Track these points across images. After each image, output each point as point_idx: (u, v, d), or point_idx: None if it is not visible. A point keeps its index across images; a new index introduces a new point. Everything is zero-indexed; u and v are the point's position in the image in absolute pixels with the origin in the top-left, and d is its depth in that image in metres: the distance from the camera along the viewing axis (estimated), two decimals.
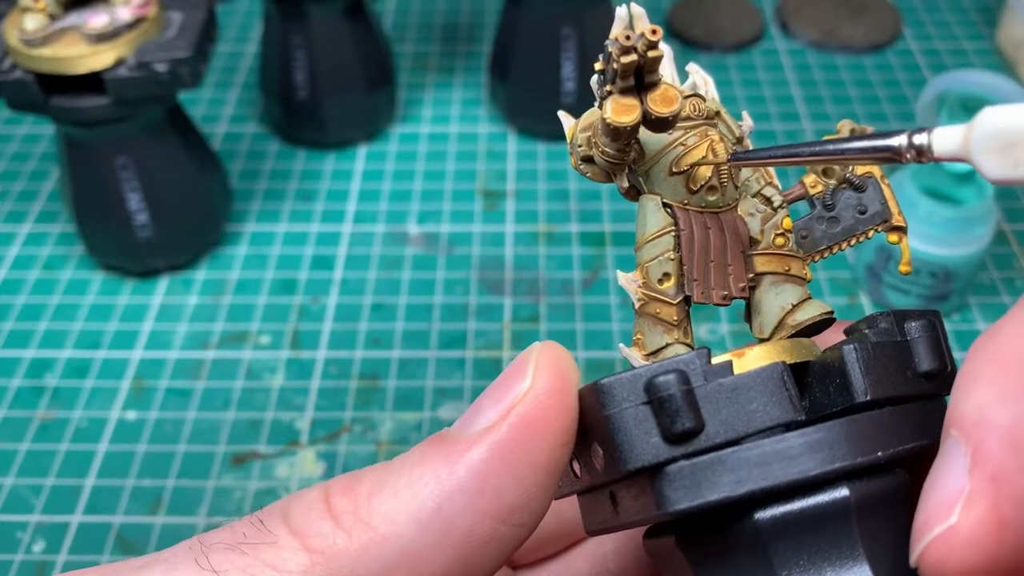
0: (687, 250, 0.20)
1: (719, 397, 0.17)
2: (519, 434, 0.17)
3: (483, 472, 0.16)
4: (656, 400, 0.17)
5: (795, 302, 0.20)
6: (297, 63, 0.58)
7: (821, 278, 0.52)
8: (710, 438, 0.17)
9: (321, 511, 0.17)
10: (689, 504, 0.17)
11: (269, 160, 0.61)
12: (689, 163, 0.20)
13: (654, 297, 0.20)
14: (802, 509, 0.17)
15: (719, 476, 0.17)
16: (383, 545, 0.16)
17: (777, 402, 0.17)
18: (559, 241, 0.55)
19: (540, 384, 0.17)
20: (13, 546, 0.41)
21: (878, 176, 0.21)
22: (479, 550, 0.16)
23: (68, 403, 0.47)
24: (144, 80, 0.45)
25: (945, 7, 0.74)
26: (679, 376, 0.17)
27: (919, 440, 0.17)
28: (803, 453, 0.17)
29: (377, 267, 0.54)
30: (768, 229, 0.20)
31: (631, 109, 0.18)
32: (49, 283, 0.53)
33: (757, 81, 0.67)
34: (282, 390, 0.47)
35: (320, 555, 0.16)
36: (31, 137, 0.64)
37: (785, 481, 0.16)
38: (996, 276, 0.53)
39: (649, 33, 0.17)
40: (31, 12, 0.45)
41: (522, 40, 0.59)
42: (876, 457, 0.17)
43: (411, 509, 0.16)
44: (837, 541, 0.17)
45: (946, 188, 0.49)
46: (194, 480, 0.44)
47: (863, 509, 0.17)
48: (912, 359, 0.18)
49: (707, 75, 0.22)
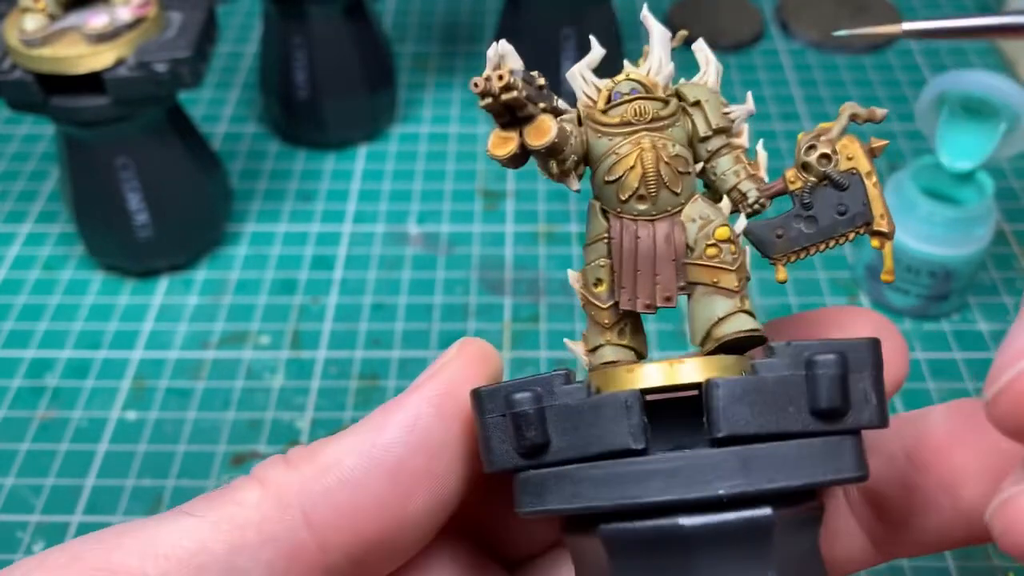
0: (616, 258, 0.20)
1: (565, 417, 0.18)
2: (444, 386, 0.20)
3: (413, 414, 0.19)
4: (512, 414, 0.18)
5: (721, 315, 0.19)
6: (297, 63, 0.58)
7: (821, 278, 0.52)
8: (555, 454, 0.18)
9: (278, 461, 0.20)
10: (532, 509, 0.18)
11: (269, 160, 0.61)
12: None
13: (589, 300, 0.20)
14: (642, 530, 0.17)
15: (560, 489, 0.18)
16: (324, 473, 0.19)
17: (617, 429, 0.17)
18: (559, 241, 0.55)
19: (463, 353, 0.20)
20: (13, 546, 0.41)
21: (863, 172, 0.20)
22: (412, 482, 0.19)
23: (68, 403, 0.47)
24: (144, 80, 0.45)
25: (945, 7, 0.74)
26: (533, 395, 0.18)
27: (786, 481, 0.17)
28: (639, 479, 0.17)
29: (377, 267, 0.54)
30: (700, 239, 0.20)
31: (507, 142, 0.19)
32: (49, 283, 0.53)
33: (757, 81, 0.67)
34: (282, 390, 0.47)
35: (272, 486, 0.19)
36: (31, 137, 0.64)
37: (615, 504, 0.17)
38: (996, 276, 0.53)
39: (496, 80, 0.18)
40: (31, 12, 0.45)
41: (522, 40, 0.58)
42: (715, 495, 0.17)
43: (352, 445, 0.19)
44: (675, 566, 0.17)
45: (946, 188, 0.49)
46: (194, 480, 0.44)
47: (704, 541, 0.17)
48: (803, 396, 0.17)
49: (711, 56, 0.21)
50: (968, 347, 0.49)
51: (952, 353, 0.49)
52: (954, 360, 0.48)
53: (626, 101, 0.20)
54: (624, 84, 0.20)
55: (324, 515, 0.19)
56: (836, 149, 0.20)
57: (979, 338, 0.49)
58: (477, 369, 0.20)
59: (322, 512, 0.19)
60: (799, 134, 0.20)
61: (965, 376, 0.47)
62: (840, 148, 0.20)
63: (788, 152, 0.59)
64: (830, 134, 0.20)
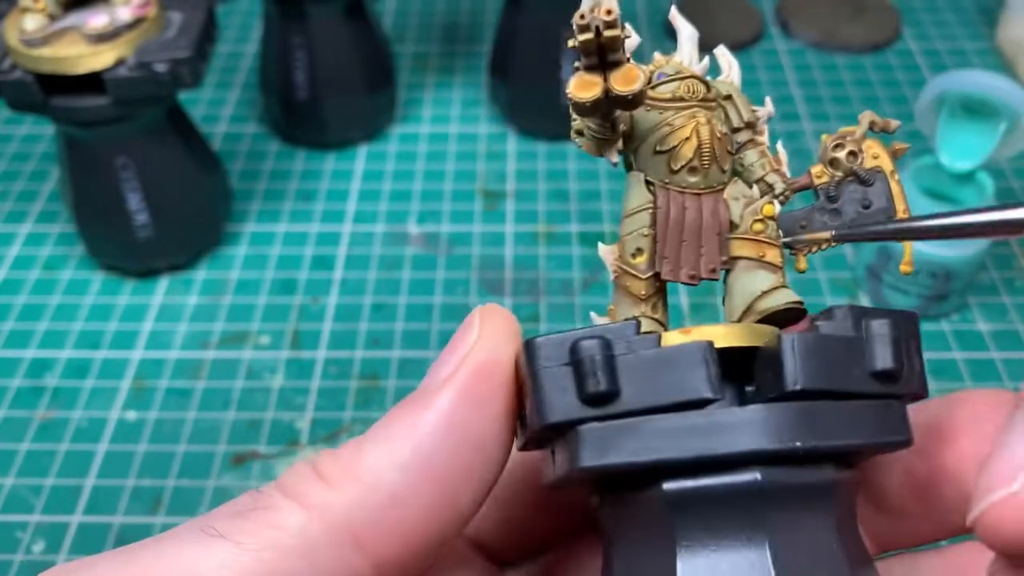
0: (661, 228, 0.20)
1: (639, 367, 0.17)
2: (475, 374, 0.19)
3: (449, 411, 0.18)
4: (577, 362, 0.17)
5: (765, 289, 0.20)
6: (297, 63, 0.58)
7: (821, 278, 0.52)
8: (624, 404, 0.17)
9: (311, 476, 0.18)
10: (595, 463, 0.17)
11: (269, 160, 0.61)
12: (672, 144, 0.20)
13: (626, 271, 0.20)
14: (710, 486, 0.17)
15: (628, 441, 0.17)
16: (371, 492, 0.18)
17: (695, 379, 0.17)
18: (559, 241, 0.55)
19: (486, 332, 0.19)
20: (13, 546, 0.41)
21: (888, 171, 0.21)
22: (458, 484, 0.18)
23: (68, 403, 0.47)
24: (144, 80, 0.45)
25: (945, 7, 0.74)
26: (602, 342, 0.17)
27: (850, 439, 0.17)
28: (716, 431, 0.17)
29: (377, 267, 0.54)
30: (747, 214, 0.20)
31: (592, 86, 0.18)
32: (49, 283, 0.53)
33: (757, 81, 0.67)
34: (282, 390, 0.47)
35: (316, 510, 0.18)
36: (31, 137, 0.64)
37: (692, 456, 0.17)
38: (996, 276, 0.53)
39: (604, 13, 0.17)
40: (31, 12, 0.45)
41: (522, 40, 0.59)
42: (793, 447, 0.17)
43: (391, 456, 0.18)
44: (742, 524, 0.17)
45: (946, 188, 0.49)
46: (194, 480, 0.44)
47: (775, 496, 0.17)
48: (863, 357, 0.18)
49: (732, 59, 0.22)
50: (968, 347, 0.49)
51: (952, 353, 0.49)
52: (954, 360, 0.48)
53: (678, 78, 0.20)
54: (667, 67, 0.21)
55: (376, 535, 0.18)
56: (862, 148, 0.21)
57: (979, 338, 0.49)
58: (503, 345, 0.19)
59: (374, 533, 0.18)
60: (823, 135, 0.21)
61: (965, 376, 0.47)
62: (865, 148, 0.21)
63: (788, 153, 0.59)
64: (855, 135, 0.21)
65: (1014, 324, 0.50)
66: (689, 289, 0.51)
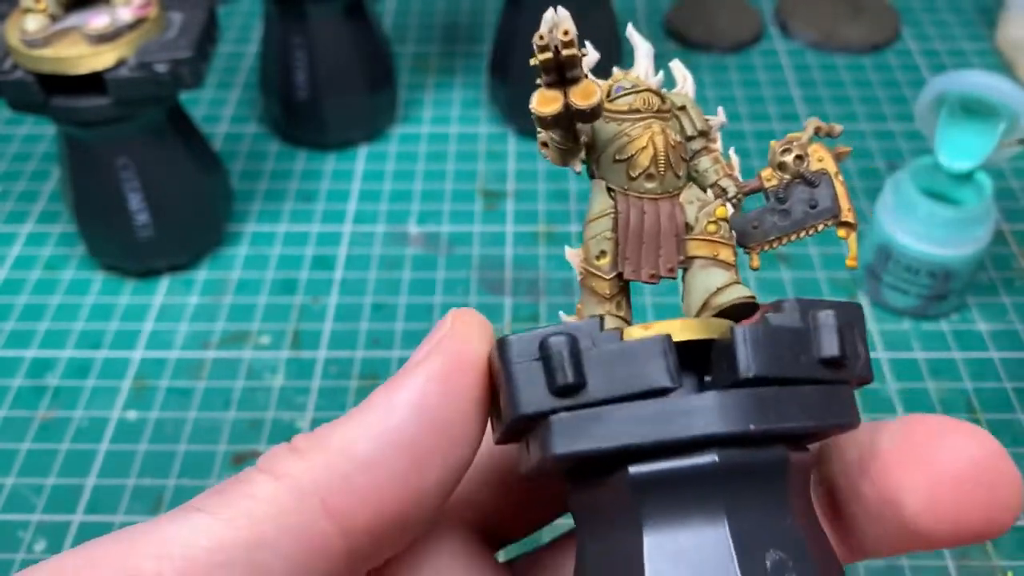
0: (622, 231, 0.21)
1: (603, 360, 0.19)
2: (445, 361, 0.20)
3: (420, 392, 0.19)
4: (546, 357, 0.19)
5: (720, 285, 0.21)
6: (297, 63, 0.58)
7: (820, 278, 0.53)
8: (590, 395, 0.18)
9: (285, 451, 0.19)
10: (565, 450, 0.18)
11: (269, 160, 0.61)
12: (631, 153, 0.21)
13: (591, 272, 0.22)
14: (672, 468, 0.18)
15: (595, 429, 0.18)
16: (340, 460, 0.19)
17: (655, 369, 0.18)
18: (559, 241, 0.55)
19: (459, 324, 0.20)
20: (15, 545, 0.42)
21: (832, 173, 0.22)
22: (426, 459, 0.19)
23: (69, 403, 0.47)
24: (145, 80, 0.45)
25: (944, 7, 0.74)
26: (569, 338, 0.19)
27: (800, 421, 0.18)
28: (675, 417, 0.18)
29: (377, 267, 0.54)
30: (701, 216, 0.21)
31: (553, 101, 0.20)
32: (50, 283, 0.53)
33: (756, 81, 0.67)
34: (282, 390, 0.48)
35: (286, 478, 0.19)
36: (32, 137, 0.64)
37: (654, 440, 0.18)
38: (995, 276, 0.53)
39: (561, 34, 0.19)
40: (32, 13, 0.45)
41: (522, 40, 0.59)
42: (747, 430, 0.18)
43: (361, 430, 0.19)
44: (702, 503, 0.18)
45: (946, 188, 0.49)
46: (195, 480, 0.44)
47: (730, 476, 0.18)
48: (810, 346, 0.19)
49: (687, 72, 0.23)
50: (967, 347, 0.49)
51: (951, 353, 0.49)
52: (953, 360, 0.48)
53: (634, 92, 0.22)
54: (624, 81, 0.22)
55: (343, 500, 0.19)
56: (808, 152, 0.22)
57: (978, 338, 0.49)
58: (475, 338, 0.20)
59: (341, 497, 0.19)
60: (772, 141, 0.23)
61: (964, 376, 0.48)
62: (811, 152, 0.22)
63: None
64: (800, 140, 0.22)
65: (1014, 324, 0.50)
66: (653, 289, 0.51)
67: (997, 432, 0.45)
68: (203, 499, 0.19)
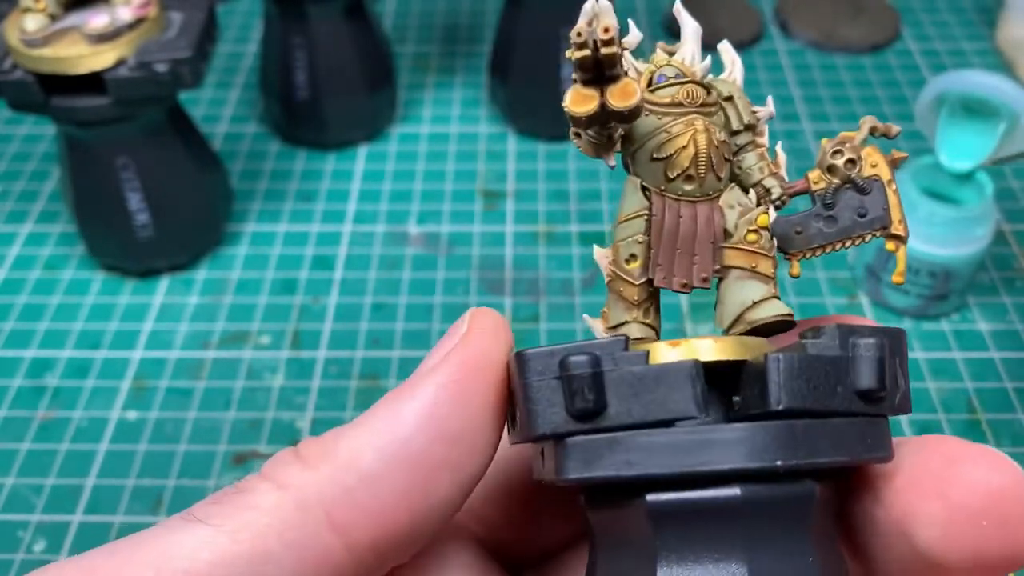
0: (655, 235, 0.20)
1: (626, 383, 0.18)
2: (459, 368, 0.19)
3: (430, 402, 0.19)
4: (566, 377, 0.18)
5: (756, 299, 0.20)
6: (297, 63, 0.58)
7: (821, 278, 0.52)
8: (610, 419, 0.17)
9: (290, 458, 0.19)
10: (579, 476, 0.18)
11: (269, 160, 0.61)
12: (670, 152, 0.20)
13: (620, 276, 0.20)
14: (692, 500, 0.17)
15: (612, 455, 0.17)
16: (346, 471, 0.18)
17: (681, 397, 0.17)
18: (559, 241, 0.55)
19: (475, 329, 0.19)
20: (14, 545, 0.41)
21: (885, 180, 0.21)
22: (435, 473, 0.18)
23: (69, 403, 0.47)
24: (144, 80, 0.45)
25: (944, 7, 0.74)
26: (591, 359, 0.18)
27: (831, 456, 0.17)
28: (698, 448, 0.17)
29: (377, 267, 0.54)
30: (741, 224, 0.20)
31: (588, 100, 0.18)
32: (50, 283, 0.53)
33: (757, 81, 0.67)
34: (282, 390, 0.48)
35: (290, 488, 0.18)
36: (32, 137, 0.64)
37: (675, 471, 0.17)
38: (996, 276, 0.53)
39: (601, 31, 0.17)
40: (32, 12, 0.45)
41: (522, 40, 0.59)
42: (773, 466, 0.17)
43: (369, 440, 0.18)
44: (721, 537, 0.17)
45: (946, 188, 0.49)
46: (194, 480, 0.44)
47: (753, 512, 0.17)
48: (847, 376, 0.18)
49: (736, 57, 0.22)
50: (968, 347, 0.49)
51: (952, 353, 0.49)
52: (954, 360, 0.48)
53: (677, 83, 0.20)
54: (668, 68, 0.21)
55: (348, 515, 0.18)
56: (861, 156, 0.21)
57: (979, 338, 0.49)
58: (491, 342, 0.19)
59: (346, 512, 0.18)
60: (823, 140, 0.21)
61: (965, 376, 0.48)
62: (864, 155, 0.21)
63: (788, 152, 0.59)
64: (854, 141, 0.21)
65: (1014, 324, 0.50)
66: None
67: (997, 432, 0.45)
68: (204, 508, 0.18)
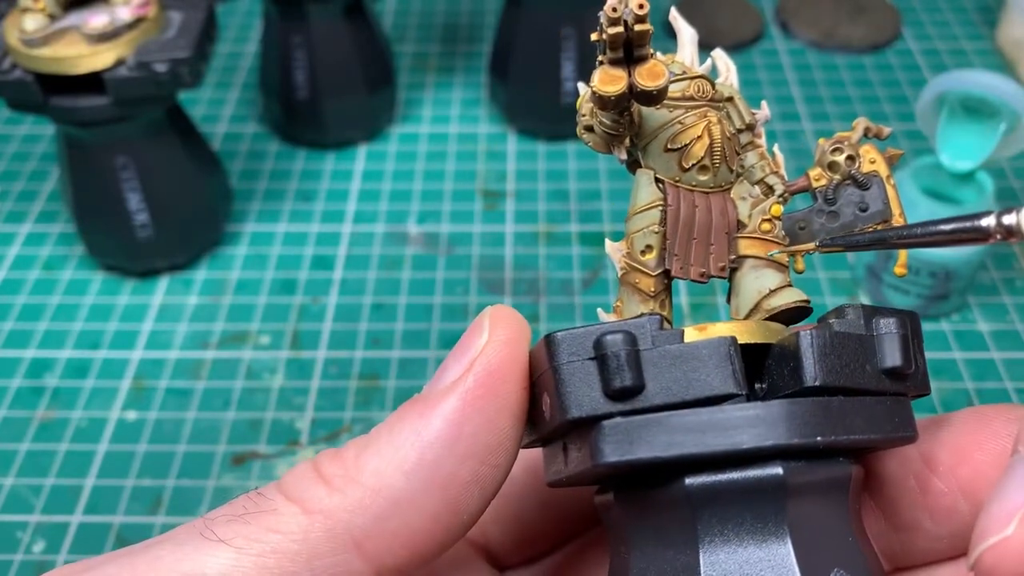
0: (671, 225, 0.20)
1: (664, 362, 0.17)
2: (484, 381, 0.18)
3: (457, 420, 0.18)
4: (601, 356, 0.17)
5: (773, 287, 0.20)
6: (297, 63, 0.58)
7: (821, 277, 0.52)
8: (649, 399, 0.17)
9: (313, 478, 0.18)
10: (619, 459, 0.17)
11: (269, 160, 0.61)
12: (684, 142, 0.20)
13: (635, 267, 0.20)
14: (732, 480, 0.17)
15: (653, 436, 0.17)
16: (374, 497, 0.17)
17: (720, 374, 0.17)
18: (559, 241, 0.55)
19: (496, 336, 0.19)
20: (13, 546, 0.41)
21: (884, 175, 0.21)
22: (464, 492, 0.18)
23: (68, 403, 0.47)
24: (144, 80, 0.45)
25: (945, 7, 0.74)
26: (627, 337, 0.17)
27: (866, 434, 0.17)
28: (739, 426, 0.17)
29: (377, 267, 0.54)
30: (756, 214, 0.20)
31: (617, 80, 0.18)
32: (49, 283, 0.53)
33: (757, 81, 0.67)
34: (282, 390, 0.47)
35: (318, 514, 0.17)
36: (31, 137, 0.64)
37: (717, 450, 0.17)
38: (996, 276, 0.53)
39: (636, 7, 0.17)
40: (31, 12, 0.45)
41: (522, 40, 0.59)
42: (814, 442, 0.17)
43: (395, 462, 0.18)
44: (764, 517, 0.17)
45: (946, 188, 0.49)
46: (194, 480, 0.44)
47: (795, 490, 0.17)
48: (874, 354, 0.18)
49: (730, 62, 0.22)
50: (968, 347, 0.49)
51: (952, 353, 0.49)
52: (954, 360, 0.48)
53: (687, 78, 0.20)
54: (675, 66, 0.21)
55: (378, 542, 0.17)
56: (859, 153, 0.21)
57: (979, 338, 0.49)
58: (514, 351, 0.18)
59: (376, 539, 0.17)
60: (820, 139, 0.21)
61: (965, 376, 0.47)
62: (862, 152, 0.21)
63: (788, 152, 0.59)
64: (851, 140, 0.21)
65: (1014, 324, 0.50)
66: (688, 288, 0.51)
67: None
68: (223, 527, 0.17)
